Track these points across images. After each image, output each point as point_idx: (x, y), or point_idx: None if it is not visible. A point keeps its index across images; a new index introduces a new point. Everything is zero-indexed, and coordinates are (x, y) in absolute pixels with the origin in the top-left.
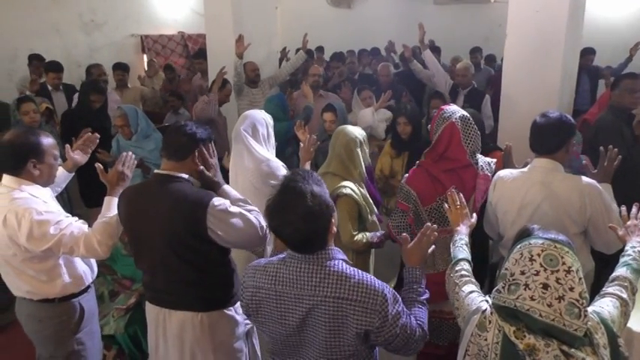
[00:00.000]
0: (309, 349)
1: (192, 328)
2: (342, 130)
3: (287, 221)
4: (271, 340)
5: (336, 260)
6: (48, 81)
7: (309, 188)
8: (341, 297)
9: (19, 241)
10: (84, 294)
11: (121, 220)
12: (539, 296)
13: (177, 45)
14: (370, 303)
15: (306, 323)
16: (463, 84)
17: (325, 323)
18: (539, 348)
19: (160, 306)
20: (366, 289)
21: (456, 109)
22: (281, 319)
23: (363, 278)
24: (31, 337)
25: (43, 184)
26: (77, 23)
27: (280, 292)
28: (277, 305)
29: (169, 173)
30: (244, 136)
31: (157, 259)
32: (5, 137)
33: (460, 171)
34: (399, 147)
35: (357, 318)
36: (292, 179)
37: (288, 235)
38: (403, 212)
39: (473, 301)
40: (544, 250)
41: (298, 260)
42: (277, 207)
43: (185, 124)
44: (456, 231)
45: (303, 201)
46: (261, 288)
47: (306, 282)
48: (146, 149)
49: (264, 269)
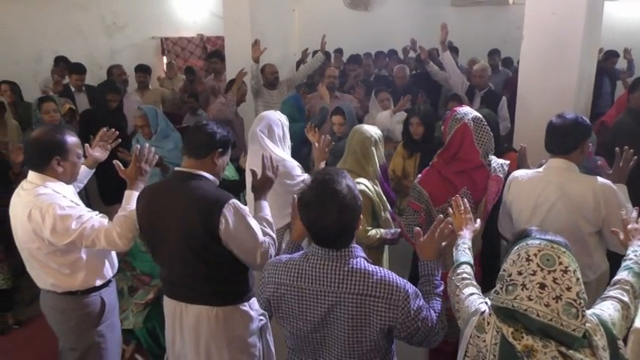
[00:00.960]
0: (330, 346)
1: (207, 322)
2: (358, 129)
3: (325, 214)
4: (292, 337)
5: (358, 258)
6: (71, 82)
7: (344, 182)
8: (364, 294)
9: (43, 235)
10: (105, 288)
11: (139, 215)
12: (537, 296)
13: (196, 47)
14: (393, 299)
15: (327, 320)
16: (480, 85)
17: (348, 320)
18: (537, 349)
19: (176, 300)
20: (388, 286)
21: (469, 110)
22: (302, 316)
23: (385, 275)
24: (54, 328)
25: (66, 181)
26: (99, 26)
27: (302, 289)
28: (299, 301)
29: (189, 171)
30: (260, 136)
31: (173, 254)
32: (32, 135)
33: (472, 172)
34: (412, 148)
35: (380, 314)
36: (326, 173)
37: (324, 228)
38: (415, 212)
39: (472, 303)
40: (541, 250)
41: (320, 257)
42: (314, 200)
43: (206, 123)
44: (459, 235)
45: (340, 194)
46: (282, 284)
47: (329, 279)
48: (165, 149)
49: (286, 266)
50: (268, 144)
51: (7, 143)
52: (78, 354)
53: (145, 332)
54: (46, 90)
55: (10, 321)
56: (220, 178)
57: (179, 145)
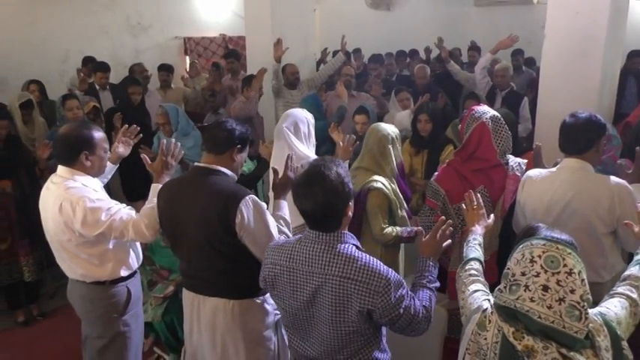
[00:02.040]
0: (318, 324)
1: (223, 315)
2: (375, 127)
3: (310, 194)
4: (285, 314)
5: (347, 244)
6: (96, 80)
7: (334, 169)
8: (346, 277)
9: (73, 227)
10: (131, 278)
11: (159, 209)
12: (539, 298)
13: (218, 47)
14: (374, 285)
15: (315, 299)
16: (501, 85)
17: (331, 300)
18: (537, 350)
19: (194, 292)
20: (370, 272)
21: (487, 109)
22: (293, 294)
23: (369, 262)
24: (82, 317)
25: (93, 174)
26: (124, 26)
27: (293, 269)
28: (290, 281)
29: (208, 166)
30: (287, 133)
31: (192, 247)
32: (61, 131)
33: (489, 171)
34: (419, 145)
35: (360, 297)
36: (320, 160)
37: (309, 209)
38: (431, 210)
39: (475, 300)
40: (545, 251)
41: (312, 240)
42: (302, 181)
43: (226, 120)
44: (470, 231)
45: (327, 177)
46: (277, 264)
47: (317, 260)
48: (185, 146)
49: (282, 247)
50: (294, 141)
51: (35, 140)
52: (104, 342)
53: (163, 325)
54: (73, 89)
55: (34, 312)
56: (238, 174)
57: (199, 143)
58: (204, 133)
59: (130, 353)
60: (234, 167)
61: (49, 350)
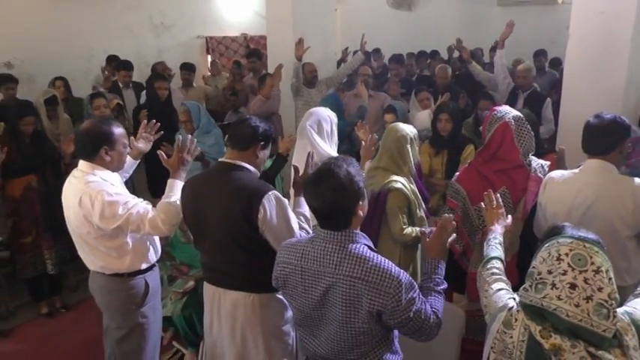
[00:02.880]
0: (328, 323)
1: (243, 308)
2: (393, 127)
3: (318, 191)
4: (296, 312)
5: (359, 244)
6: (119, 78)
7: (344, 168)
8: (357, 277)
9: (92, 220)
10: (149, 271)
11: (183, 204)
12: (567, 296)
13: (239, 46)
14: (384, 286)
15: (326, 299)
16: (523, 86)
17: (342, 300)
18: (564, 348)
19: (215, 285)
20: (381, 273)
21: (509, 109)
22: (305, 293)
23: (380, 262)
24: (101, 307)
25: (113, 169)
26: (148, 25)
27: (305, 268)
28: (302, 280)
29: (232, 162)
30: (310, 131)
31: (214, 241)
32: (82, 126)
33: (511, 172)
34: (438, 145)
35: (370, 298)
36: (333, 159)
37: (318, 206)
38: (451, 210)
39: (500, 299)
40: (572, 249)
41: (324, 239)
42: (312, 179)
43: (250, 117)
44: (490, 230)
45: (335, 175)
46: (289, 263)
47: (328, 260)
48: (206, 144)
49: (294, 246)
50: (316, 139)
51: (60, 135)
52: (123, 333)
53: (183, 320)
54: (97, 87)
55: (57, 304)
56: (261, 170)
57: (220, 141)
58: (229, 130)
59: (148, 344)
60: (257, 163)
61: (71, 341)
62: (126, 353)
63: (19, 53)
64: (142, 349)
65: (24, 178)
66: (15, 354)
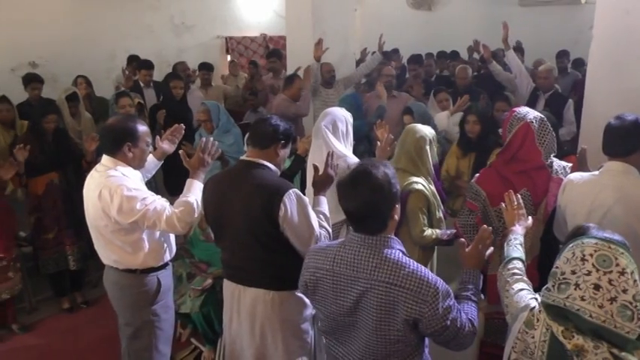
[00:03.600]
0: (360, 330)
1: (263, 305)
2: (412, 128)
3: (355, 193)
4: (325, 319)
5: (394, 249)
6: (140, 78)
7: (381, 169)
8: (394, 283)
9: (110, 213)
10: (162, 270)
11: (205, 201)
12: (590, 297)
13: (259, 46)
14: (422, 293)
15: (359, 305)
16: (545, 87)
17: (376, 307)
18: (587, 349)
19: (235, 282)
20: (419, 280)
21: (530, 110)
22: (336, 299)
23: (417, 269)
24: (112, 302)
25: (135, 166)
26: (169, 25)
27: (337, 273)
28: (334, 285)
29: (253, 160)
30: (325, 132)
31: (235, 238)
32: (108, 122)
33: (532, 173)
34: (466, 147)
35: (407, 306)
36: (367, 161)
37: (354, 208)
38: (471, 211)
39: (522, 298)
40: (597, 250)
41: (357, 244)
42: (348, 180)
43: (270, 116)
44: (511, 231)
45: (373, 176)
46: (320, 268)
47: (363, 265)
48: (226, 143)
49: (324, 251)
50: (332, 139)
51: (81, 132)
52: (133, 330)
53: (201, 317)
54: (119, 86)
55: (78, 300)
56: (281, 168)
57: (239, 140)
58: (250, 129)
59: (159, 342)
60: (278, 162)
61: (91, 336)
62: (137, 350)
63: (44, 53)
64: (154, 347)
65: (46, 176)
66: (37, 347)
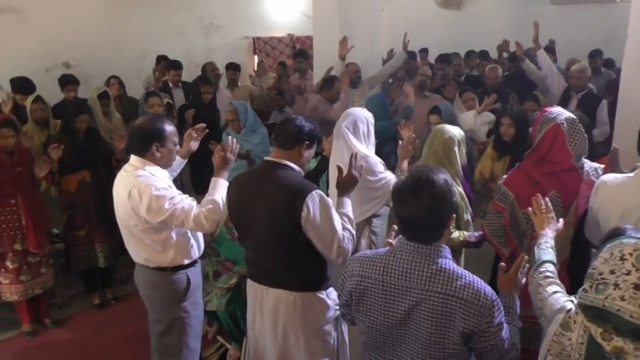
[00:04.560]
0: (410, 344)
1: (285, 306)
2: (440, 129)
3: (416, 199)
4: (369, 331)
5: (447, 259)
6: (169, 78)
7: (442, 176)
8: (451, 294)
9: (139, 212)
10: (191, 267)
11: (229, 201)
12: (630, 297)
13: (285, 46)
14: (480, 305)
15: (410, 317)
16: (577, 87)
17: (431, 319)
18: (627, 351)
19: (258, 283)
20: (477, 291)
21: (562, 111)
22: (385, 310)
23: (474, 280)
24: (144, 299)
25: (163, 165)
26: (198, 26)
27: (387, 283)
28: (383, 296)
29: (277, 160)
30: (345, 132)
31: (258, 238)
32: (136, 122)
33: (562, 175)
34: (501, 150)
35: (464, 317)
36: (426, 167)
37: (413, 215)
38: (498, 213)
39: (557, 301)
40: (637, 249)
41: (409, 253)
42: (408, 185)
43: (296, 117)
44: (540, 234)
45: (435, 182)
46: (367, 277)
47: (417, 275)
48: (252, 142)
49: (371, 260)
50: (352, 140)
51: (112, 131)
52: (163, 326)
53: (227, 315)
54: (149, 86)
55: (108, 296)
56: (305, 169)
57: (265, 139)
58: (275, 129)
59: (189, 338)
60: (302, 163)
61: (121, 331)
62: (167, 346)
63: (77, 54)
64: (184, 343)
65: (78, 174)
66: (69, 342)
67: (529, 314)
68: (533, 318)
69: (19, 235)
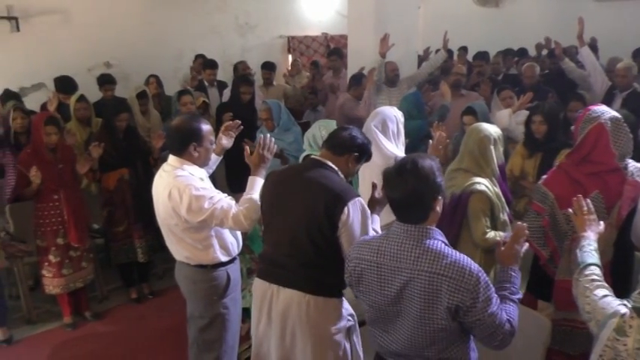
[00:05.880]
0: (404, 319)
1: (297, 308)
2: (476, 127)
3: (401, 180)
4: (370, 309)
5: (436, 240)
6: (205, 77)
7: (427, 160)
8: (436, 272)
9: (180, 212)
10: (231, 264)
11: (263, 194)
12: None
13: (320, 45)
14: (464, 282)
15: (402, 295)
16: (622, 86)
17: (420, 296)
18: None
19: (270, 282)
20: (460, 268)
21: (606, 110)
22: (380, 290)
23: (458, 258)
24: (185, 296)
25: (200, 164)
26: (233, 26)
27: (381, 264)
28: (377, 276)
29: (323, 160)
30: (374, 132)
31: (286, 233)
32: (173, 123)
33: (605, 175)
34: (532, 147)
35: (449, 294)
36: (410, 156)
37: (398, 195)
38: (538, 214)
39: (609, 305)
40: None
41: (399, 235)
42: (394, 169)
43: (352, 128)
44: (582, 237)
45: (419, 164)
46: (363, 260)
47: (405, 256)
48: (286, 141)
49: (368, 243)
50: (381, 139)
51: (150, 129)
52: (205, 322)
53: None
54: (185, 85)
55: (145, 291)
56: (348, 180)
57: (299, 138)
58: (331, 132)
59: (228, 334)
60: (347, 172)
61: (157, 325)
62: (207, 341)
63: (117, 53)
64: (223, 339)
65: (117, 171)
66: (107, 334)
67: (569, 318)
68: (573, 322)
69: (62, 229)
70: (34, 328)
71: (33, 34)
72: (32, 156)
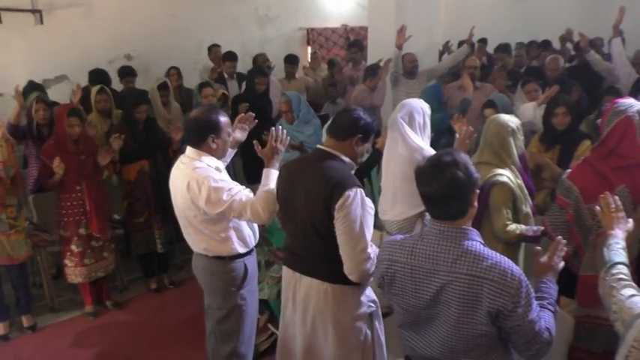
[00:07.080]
0: (440, 323)
1: (316, 295)
2: (494, 119)
3: (436, 174)
4: (403, 313)
5: (474, 241)
6: (224, 69)
7: (461, 155)
8: (477, 275)
9: (199, 204)
10: (248, 255)
11: (277, 187)
12: None
13: (339, 37)
14: (506, 285)
15: (439, 298)
16: None
17: (459, 300)
18: None
19: (293, 270)
20: (502, 271)
21: (634, 102)
22: (415, 293)
23: (500, 260)
24: (203, 287)
25: (218, 156)
26: (253, 17)
27: (415, 266)
28: (412, 279)
29: (328, 150)
30: (401, 123)
31: (298, 225)
32: (191, 115)
33: (632, 169)
34: (550, 140)
35: (491, 297)
36: (444, 151)
37: (434, 190)
38: (561, 208)
39: (636, 304)
40: None
41: (435, 237)
42: (428, 164)
43: (355, 108)
44: (610, 235)
45: (454, 162)
46: (396, 261)
47: (443, 258)
48: (305, 134)
49: (401, 244)
50: (408, 132)
51: (170, 121)
52: (223, 313)
53: (278, 304)
54: (204, 77)
55: (165, 281)
56: (358, 163)
57: (318, 131)
58: (333, 118)
59: (245, 325)
60: (353, 156)
61: (176, 315)
62: (225, 332)
63: (137, 46)
64: (240, 330)
65: (137, 163)
66: (128, 323)
67: (593, 314)
68: (597, 318)
69: (84, 220)
70: (57, 316)
71: (56, 27)
72: (55, 147)
